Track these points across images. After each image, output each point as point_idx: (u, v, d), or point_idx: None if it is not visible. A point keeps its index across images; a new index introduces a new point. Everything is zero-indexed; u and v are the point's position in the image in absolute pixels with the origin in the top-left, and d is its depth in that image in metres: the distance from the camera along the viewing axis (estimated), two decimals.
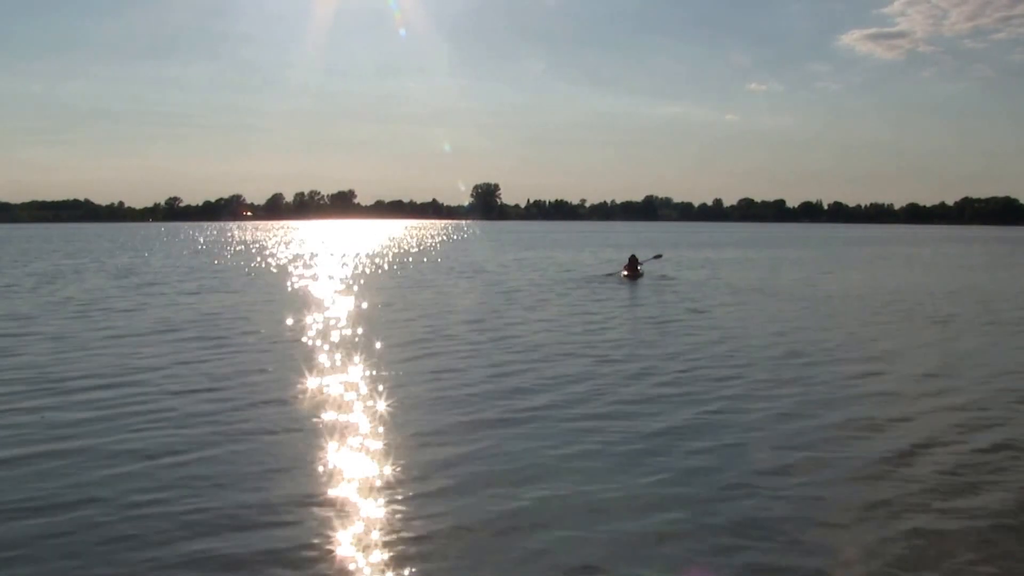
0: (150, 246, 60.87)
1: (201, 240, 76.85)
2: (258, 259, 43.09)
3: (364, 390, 10.15)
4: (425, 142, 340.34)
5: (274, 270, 34.21)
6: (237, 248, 58.35)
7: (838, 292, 24.45)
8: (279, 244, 66.75)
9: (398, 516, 6.05)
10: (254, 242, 71.59)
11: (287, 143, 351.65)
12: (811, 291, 24.66)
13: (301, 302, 20.73)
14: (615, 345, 13.77)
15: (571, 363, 12.03)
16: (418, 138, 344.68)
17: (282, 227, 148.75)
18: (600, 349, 13.34)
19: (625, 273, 28.95)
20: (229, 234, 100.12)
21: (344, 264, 38.82)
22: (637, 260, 29.28)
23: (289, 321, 16.75)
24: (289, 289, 24.99)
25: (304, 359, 12.05)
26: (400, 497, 6.41)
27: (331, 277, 30.08)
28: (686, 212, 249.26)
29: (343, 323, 16.53)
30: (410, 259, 43.19)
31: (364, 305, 20.08)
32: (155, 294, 22.87)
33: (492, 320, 17.18)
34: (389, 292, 23.84)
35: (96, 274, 31.12)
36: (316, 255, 47.71)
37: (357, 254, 48.97)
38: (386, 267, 36.37)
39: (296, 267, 36.15)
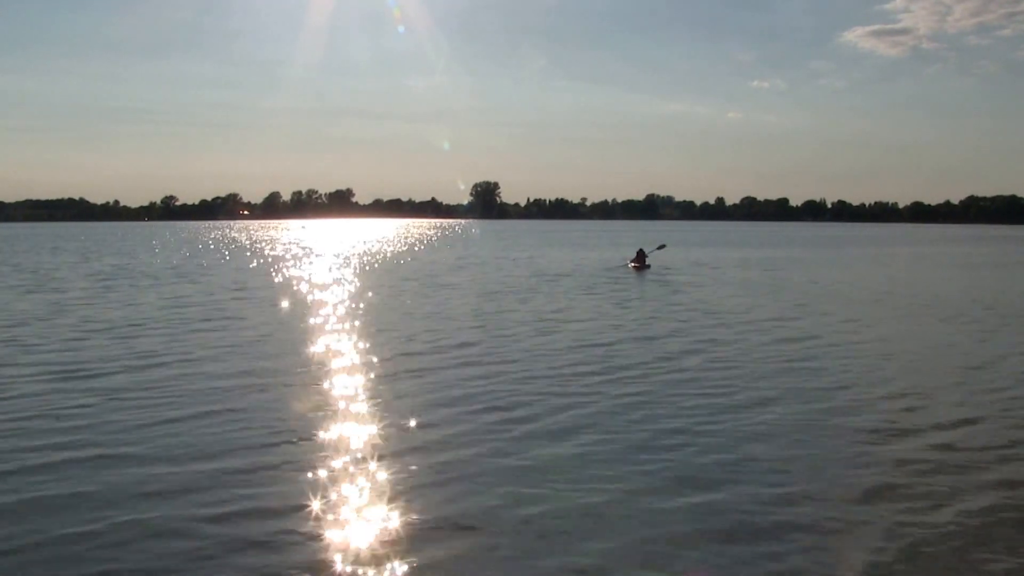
0: (197, 247, 59.41)
1: (243, 240, 75.00)
2: (317, 262, 42.21)
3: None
4: (424, 140, 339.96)
5: (334, 273, 33.22)
6: (298, 248, 56.74)
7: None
8: (316, 244, 65.36)
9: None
10: (296, 241, 70.12)
11: (284, 141, 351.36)
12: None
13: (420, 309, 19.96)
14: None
15: None
16: (417, 136, 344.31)
17: (283, 226, 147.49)
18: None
19: (634, 264, 31.30)
20: (265, 234, 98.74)
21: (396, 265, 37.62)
22: (644, 253, 31.78)
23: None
24: (375, 293, 23.98)
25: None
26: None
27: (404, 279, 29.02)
28: (688, 211, 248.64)
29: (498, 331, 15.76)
30: (467, 261, 41.78)
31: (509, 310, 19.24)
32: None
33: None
34: (507, 297, 22.75)
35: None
36: (365, 256, 46.52)
37: (399, 252, 47.74)
38: (461, 267, 35.03)
39: (352, 269, 35.31)
